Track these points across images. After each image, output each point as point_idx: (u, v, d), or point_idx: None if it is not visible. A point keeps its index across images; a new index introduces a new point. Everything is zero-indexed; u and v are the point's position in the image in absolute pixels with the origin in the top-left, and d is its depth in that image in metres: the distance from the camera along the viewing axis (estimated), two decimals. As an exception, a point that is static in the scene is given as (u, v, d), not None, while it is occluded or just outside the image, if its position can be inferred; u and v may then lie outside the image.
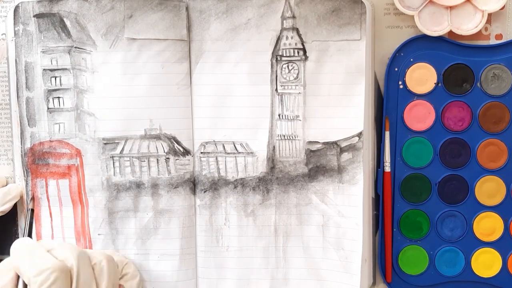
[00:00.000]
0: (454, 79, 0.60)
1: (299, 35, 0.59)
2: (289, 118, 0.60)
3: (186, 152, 0.60)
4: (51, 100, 0.60)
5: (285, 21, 0.59)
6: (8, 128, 0.62)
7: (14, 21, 0.59)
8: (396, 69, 0.60)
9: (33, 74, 0.60)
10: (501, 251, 0.62)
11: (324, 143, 0.60)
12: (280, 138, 0.60)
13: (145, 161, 0.60)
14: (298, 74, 0.60)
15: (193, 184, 0.61)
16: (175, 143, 0.60)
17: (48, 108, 0.60)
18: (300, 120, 0.60)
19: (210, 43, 0.59)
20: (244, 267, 0.61)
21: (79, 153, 0.60)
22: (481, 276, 0.62)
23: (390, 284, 0.62)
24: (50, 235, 0.61)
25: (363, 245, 0.59)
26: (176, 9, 0.59)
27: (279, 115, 0.60)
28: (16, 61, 0.59)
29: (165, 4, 0.58)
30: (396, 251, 0.62)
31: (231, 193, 0.61)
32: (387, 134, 0.61)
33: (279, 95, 0.60)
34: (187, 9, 0.59)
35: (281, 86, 0.60)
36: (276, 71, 0.60)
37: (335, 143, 0.60)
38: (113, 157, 0.60)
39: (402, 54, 0.60)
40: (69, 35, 0.59)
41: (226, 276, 0.62)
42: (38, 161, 0.60)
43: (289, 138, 0.60)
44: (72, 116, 0.60)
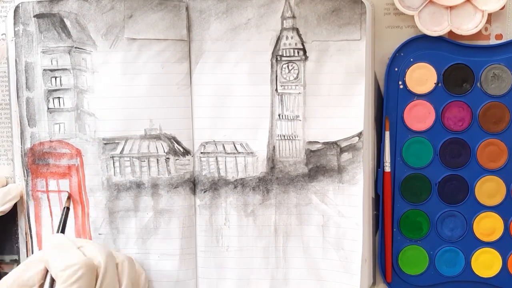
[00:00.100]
0: (454, 79, 0.60)
1: (299, 35, 0.59)
2: (289, 118, 0.60)
3: (186, 152, 0.60)
4: (51, 100, 0.60)
5: (285, 21, 0.59)
6: (8, 128, 0.62)
7: (14, 21, 0.59)
8: (396, 69, 0.60)
9: (33, 74, 0.60)
10: (501, 251, 0.62)
11: (324, 143, 0.60)
12: (280, 138, 0.60)
13: (145, 161, 0.60)
14: (298, 74, 0.60)
15: (193, 184, 0.61)
16: (175, 143, 0.60)
17: (48, 108, 0.60)
18: (300, 120, 0.60)
19: (210, 43, 0.59)
20: (244, 267, 0.61)
21: (79, 153, 0.60)
22: (481, 276, 0.62)
23: (390, 284, 0.62)
24: (50, 235, 0.61)
25: (363, 245, 0.59)
26: (176, 9, 0.59)
27: (279, 115, 0.60)
28: (16, 61, 0.59)
29: (165, 4, 0.58)
30: (396, 251, 0.62)
31: (231, 193, 0.61)
32: (387, 134, 0.61)
33: (279, 95, 0.60)
34: (187, 9, 0.59)
35: (281, 86, 0.60)
36: (276, 71, 0.60)
37: (335, 143, 0.60)
38: (113, 157, 0.60)
39: (402, 54, 0.60)
40: (69, 35, 0.59)
41: (226, 276, 0.62)
42: (38, 161, 0.60)
43: (289, 138, 0.60)
44: (72, 116, 0.60)
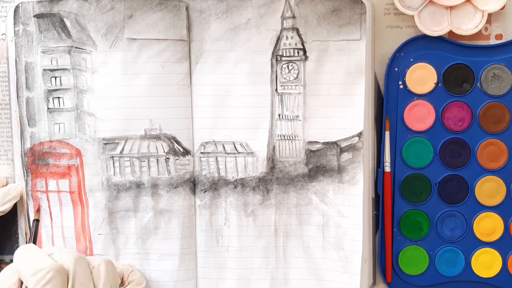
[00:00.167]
0: (454, 79, 0.60)
1: (299, 35, 0.59)
2: (289, 118, 0.60)
3: (186, 152, 0.60)
4: (51, 100, 0.60)
5: (285, 21, 0.59)
6: (8, 128, 0.62)
7: (14, 21, 0.59)
8: (396, 69, 0.60)
9: (33, 74, 0.60)
10: (501, 251, 0.62)
11: (324, 143, 0.60)
12: (280, 138, 0.60)
13: (145, 161, 0.60)
14: (298, 74, 0.60)
15: (193, 184, 0.61)
16: (175, 143, 0.60)
17: (48, 108, 0.60)
18: (300, 120, 0.60)
19: (210, 43, 0.59)
20: (244, 267, 0.61)
21: (79, 153, 0.60)
22: (481, 276, 0.62)
23: (390, 284, 0.62)
24: (50, 235, 0.61)
25: (363, 245, 0.59)
26: (176, 9, 0.59)
27: (279, 115, 0.60)
28: (16, 61, 0.59)
29: (165, 4, 0.58)
30: (396, 251, 0.62)
31: (231, 193, 0.61)
32: (387, 134, 0.61)
33: (279, 95, 0.60)
34: (187, 9, 0.59)
35: (281, 86, 0.60)
36: (276, 71, 0.60)
37: (335, 143, 0.60)
38: (113, 157, 0.60)
39: (402, 54, 0.60)
40: (69, 35, 0.59)
41: (226, 276, 0.62)
42: (38, 161, 0.60)
43: (289, 138, 0.60)
44: (72, 116, 0.60)
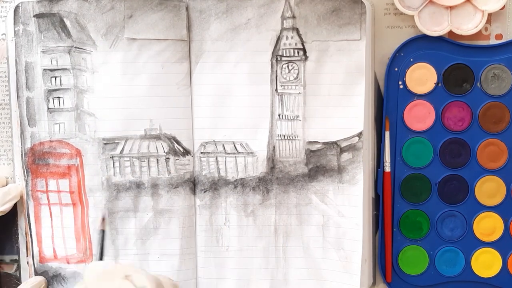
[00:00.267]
0: (454, 79, 0.60)
1: (299, 35, 0.59)
2: (289, 118, 0.60)
3: (186, 152, 0.60)
4: (51, 100, 0.60)
5: (285, 21, 0.59)
6: (8, 128, 0.62)
7: (14, 21, 0.59)
8: (396, 69, 0.60)
9: (33, 74, 0.60)
10: (501, 251, 0.62)
11: (324, 143, 0.60)
12: (280, 138, 0.60)
13: (145, 161, 0.60)
14: (298, 74, 0.60)
15: (193, 184, 0.61)
16: (175, 143, 0.60)
17: (48, 108, 0.60)
18: (300, 120, 0.60)
19: (210, 43, 0.59)
20: (244, 267, 0.61)
21: (79, 153, 0.60)
22: (481, 276, 0.62)
23: (390, 284, 0.62)
24: (50, 235, 0.61)
25: (363, 245, 0.59)
26: (176, 9, 0.59)
27: (279, 115, 0.60)
28: (16, 61, 0.59)
29: (165, 4, 0.58)
30: (396, 251, 0.62)
31: (231, 193, 0.61)
32: (387, 134, 0.61)
33: (279, 95, 0.60)
34: (187, 9, 0.59)
35: (281, 86, 0.60)
36: (276, 71, 0.60)
37: (335, 143, 0.60)
38: (113, 157, 0.60)
39: (402, 54, 0.60)
40: (69, 35, 0.59)
41: (226, 276, 0.62)
42: (38, 161, 0.60)
43: (289, 138, 0.60)
44: (72, 116, 0.60)
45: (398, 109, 0.61)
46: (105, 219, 0.60)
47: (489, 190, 0.61)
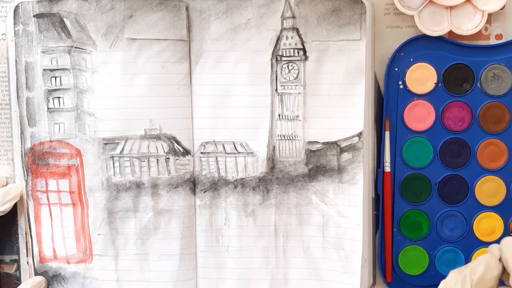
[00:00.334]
0: (454, 79, 0.60)
1: (299, 35, 0.59)
2: (289, 118, 0.60)
3: (186, 152, 0.60)
4: (51, 100, 0.60)
5: (285, 21, 0.59)
6: (8, 128, 0.62)
7: (14, 21, 0.59)
8: (396, 69, 0.60)
9: (33, 74, 0.60)
10: (501, 251, 0.62)
11: (324, 143, 0.60)
12: (280, 138, 0.60)
13: (145, 161, 0.60)
14: (298, 74, 0.60)
15: (193, 184, 0.61)
16: (175, 143, 0.60)
17: (48, 108, 0.60)
18: (300, 120, 0.60)
19: (210, 43, 0.59)
20: (244, 267, 0.61)
21: (79, 153, 0.60)
22: (481, 276, 0.62)
23: (390, 284, 0.62)
24: (50, 235, 0.61)
25: (363, 245, 0.59)
26: (176, 9, 0.59)
27: (279, 115, 0.60)
28: (16, 61, 0.59)
29: (165, 4, 0.58)
30: (396, 251, 0.62)
31: (231, 193, 0.61)
32: (387, 134, 0.61)
33: (279, 95, 0.60)
34: (187, 9, 0.59)
35: (281, 86, 0.60)
36: (276, 71, 0.60)
37: (335, 143, 0.60)
38: (113, 157, 0.60)
39: (402, 54, 0.60)
40: (69, 35, 0.59)
41: (226, 276, 0.62)
42: (38, 161, 0.60)
43: (289, 138, 0.60)
44: (72, 116, 0.60)
45: (398, 109, 0.61)
46: None
47: (489, 190, 0.61)
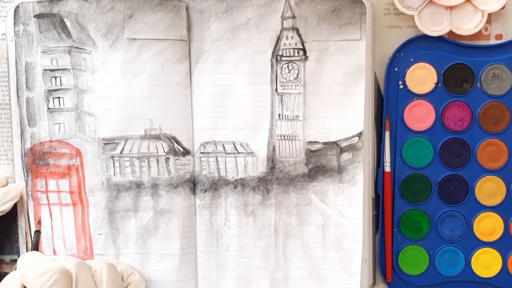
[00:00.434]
0: (454, 79, 0.60)
1: (299, 35, 0.59)
2: (289, 118, 0.60)
3: (186, 152, 0.60)
4: (51, 100, 0.60)
5: (285, 21, 0.59)
6: (8, 128, 0.62)
7: (14, 21, 0.59)
8: (396, 69, 0.60)
9: (33, 74, 0.60)
10: (501, 251, 0.62)
11: (324, 143, 0.60)
12: (280, 138, 0.60)
13: (145, 161, 0.60)
14: (298, 74, 0.60)
15: (193, 184, 0.61)
16: (175, 143, 0.60)
17: (48, 108, 0.60)
18: (300, 120, 0.60)
19: (210, 43, 0.59)
20: (244, 267, 0.61)
21: (79, 153, 0.60)
22: (481, 276, 0.62)
23: (390, 284, 0.62)
24: (50, 235, 0.61)
25: (363, 245, 0.59)
26: (176, 9, 0.59)
27: (279, 115, 0.60)
28: (16, 61, 0.59)
29: (165, 4, 0.58)
30: (396, 251, 0.62)
31: (231, 193, 0.61)
32: (387, 134, 0.61)
33: (279, 95, 0.60)
34: (187, 9, 0.59)
35: (281, 86, 0.60)
36: (276, 71, 0.60)
37: (335, 143, 0.60)
38: (113, 157, 0.60)
39: (402, 54, 0.60)
40: (69, 35, 0.59)
41: (226, 276, 0.62)
42: (38, 161, 0.60)
43: (289, 138, 0.60)
44: (72, 116, 0.60)
45: (398, 109, 0.61)
46: (40, 221, 0.61)
47: (489, 190, 0.61)
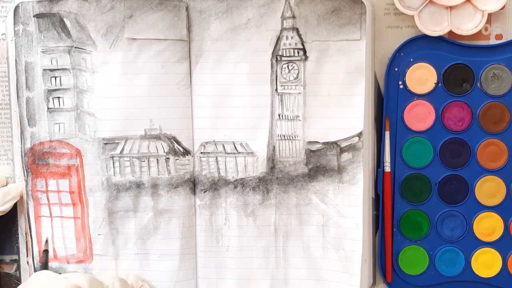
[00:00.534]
0: (454, 79, 0.60)
1: (299, 35, 0.59)
2: (289, 118, 0.60)
3: (186, 152, 0.60)
4: (51, 100, 0.60)
5: (285, 21, 0.59)
6: (8, 128, 0.62)
7: (14, 21, 0.59)
8: (396, 69, 0.60)
9: (33, 74, 0.60)
10: (501, 251, 0.62)
11: (324, 143, 0.60)
12: (280, 138, 0.60)
13: (145, 161, 0.60)
14: (298, 74, 0.60)
15: (193, 184, 0.61)
16: (175, 143, 0.60)
17: (48, 108, 0.60)
18: (300, 120, 0.60)
19: (210, 43, 0.59)
20: (244, 267, 0.61)
21: (79, 153, 0.60)
22: (481, 276, 0.62)
23: (390, 284, 0.62)
24: (50, 235, 0.61)
25: (363, 245, 0.59)
26: (176, 9, 0.59)
27: (279, 115, 0.60)
28: (16, 61, 0.59)
29: (165, 4, 0.58)
30: (396, 251, 0.62)
31: (231, 193, 0.61)
32: (387, 134, 0.61)
33: (279, 95, 0.60)
34: (187, 9, 0.59)
35: (281, 86, 0.60)
36: (276, 71, 0.60)
37: (335, 143, 0.60)
38: (113, 157, 0.60)
39: (402, 54, 0.60)
40: (69, 35, 0.59)
41: (226, 276, 0.62)
42: (38, 161, 0.60)
43: (289, 138, 0.60)
44: (72, 116, 0.60)
45: (398, 109, 0.61)
46: (47, 241, 0.61)
47: (489, 190, 0.61)
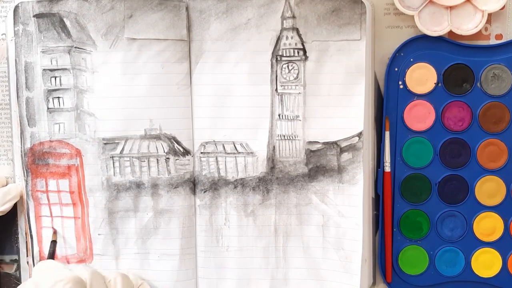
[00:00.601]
0: (454, 79, 0.60)
1: (299, 35, 0.59)
2: (289, 118, 0.60)
3: (186, 152, 0.60)
4: (51, 100, 0.60)
5: (285, 21, 0.59)
6: (8, 128, 0.62)
7: (14, 21, 0.59)
8: (396, 69, 0.60)
9: (33, 74, 0.60)
10: (501, 251, 0.62)
11: (324, 143, 0.60)
12: (280, 138, 0.60)
13: (145, 161, 0.60)
14: (298, 74, 0.60)
15: (193, 184, 0.61)
16: (175, 143, 0.60)
17: (48, 108, 0.60)
18: (300, 120, 0.60)
19: (210, 43, 0.59)
20: (244, 267, 0.61)
21: (79, 153, 0.60)
22: (481, 276, 0.62)
23: (390, 284, 0.62)
24: (50, 235, 0.61)
25: (363, 245, 0.59)
26: (176, 9, 0.59)
27: (279, 115, 0.60)
28: (16, 61, 0.59)
29: (165, 4, 0.58)
30: (396, 251, 0.62)
31: (231, 193, 0.61)
32: (387, 134, 0.61)
33: (279, 95, 0.60)
34: (187, 9, 0.59)
35: (281, 86, 0.60)
36: (276, 71, 0.60)
37: (335, 143, 0.60)
38: (113, 157, 0.60)
39: (402, 54, 0.60)
40: (69, 35, 0.59)
41: (226, 276, 0.62)
42: (38, 161, 0.60)
43: (289, 138, 0.60)
44: (72, 116, 0.60)
45: (398, 109, 0.61)
46: (55, 232, 0.61)
47: (489, 190, 0.61)
